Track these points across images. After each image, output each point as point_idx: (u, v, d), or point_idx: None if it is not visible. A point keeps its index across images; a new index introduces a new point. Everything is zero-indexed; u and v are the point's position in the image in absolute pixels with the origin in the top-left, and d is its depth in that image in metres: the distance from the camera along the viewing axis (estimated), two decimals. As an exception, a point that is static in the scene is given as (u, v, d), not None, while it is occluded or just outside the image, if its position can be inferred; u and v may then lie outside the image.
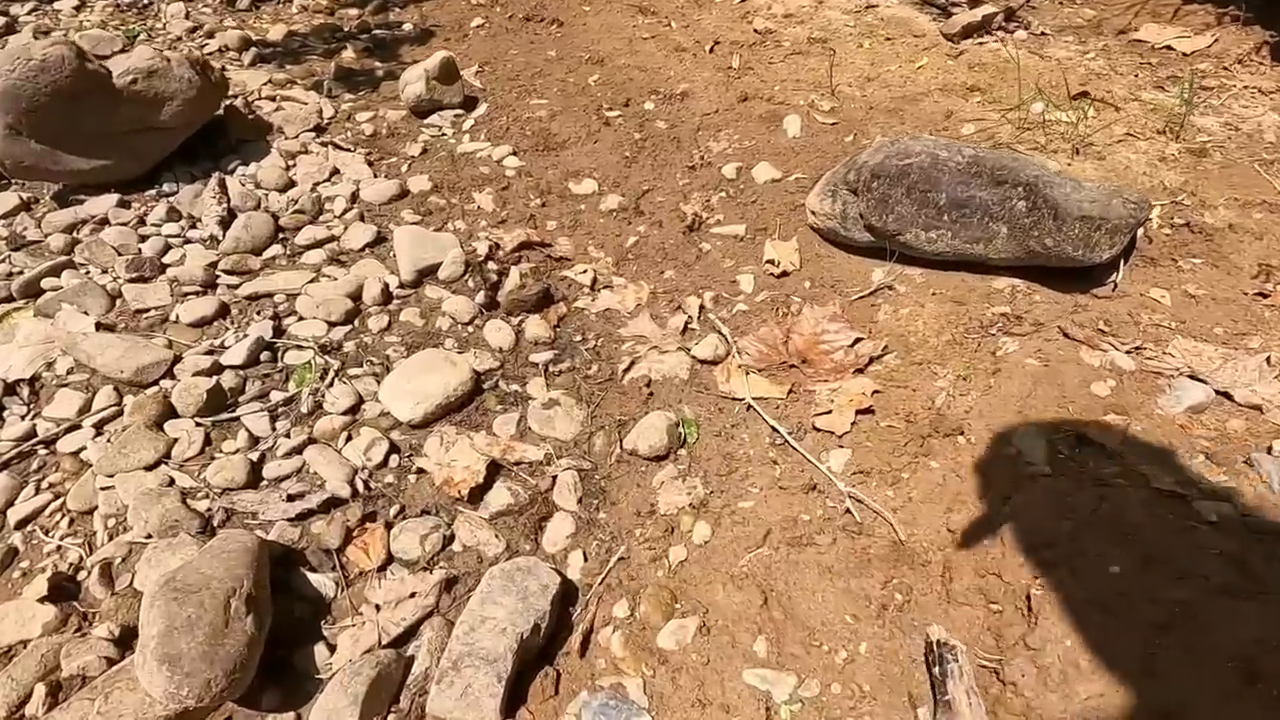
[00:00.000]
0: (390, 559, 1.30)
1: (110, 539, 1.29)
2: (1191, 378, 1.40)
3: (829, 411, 1.49)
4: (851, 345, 1.66)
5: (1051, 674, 0.96)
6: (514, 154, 2.37)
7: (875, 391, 1.51)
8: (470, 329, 1.78)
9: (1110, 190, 1.59)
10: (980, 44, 2.54)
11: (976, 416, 1.40)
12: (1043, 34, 2.56)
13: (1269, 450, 1.23)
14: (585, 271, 1.94)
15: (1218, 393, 1.36)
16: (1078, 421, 1.33)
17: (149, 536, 1.28)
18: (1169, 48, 2.38)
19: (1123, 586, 0.98)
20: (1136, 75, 2.29)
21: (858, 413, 1.47)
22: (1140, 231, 1.71)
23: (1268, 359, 1.40)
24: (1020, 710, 0.95)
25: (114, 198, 2.07)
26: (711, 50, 2.78)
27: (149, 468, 1.39)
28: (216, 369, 1.59)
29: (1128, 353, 1.47)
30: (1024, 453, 1.28)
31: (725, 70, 2.68)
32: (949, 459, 1.33)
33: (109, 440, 1.43)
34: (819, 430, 1.47)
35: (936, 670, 0.97)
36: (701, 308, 1.84)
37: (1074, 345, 1.52)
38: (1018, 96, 2.22)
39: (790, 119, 2.36)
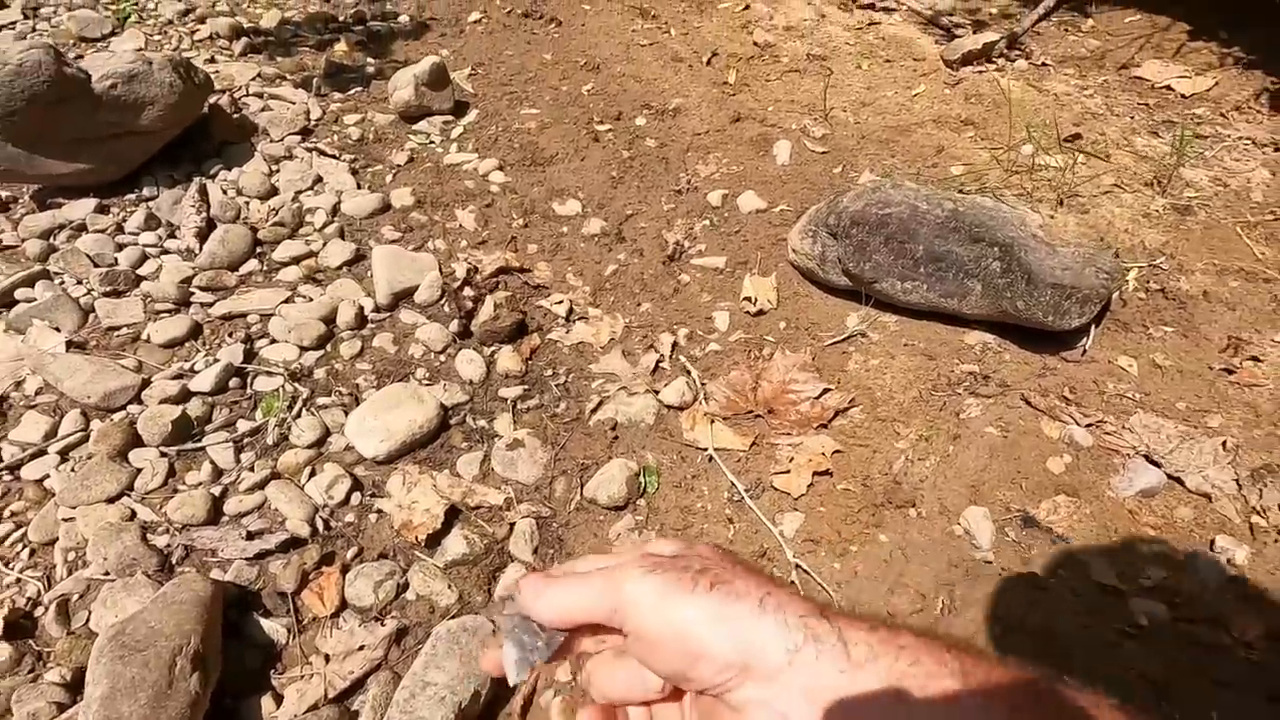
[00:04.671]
0: (344, 605, 1.33)
1: (69, 573, 1.32)
2: (1147, 459, 1.41)
3: (787, 471, 1.50)
4: (818, 396, 1.66)
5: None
6: (500, 168, 2.35)
7: (836, 451, 1.52)
8: (442, 358, 1.79)
9: (1085, 257, 1.58)
10: (980, 73, 2.50)
11: (930, 488, 1.41)
12: (1044, 65, 2.51)
13: (1211, 545, 1.24)
14: (561, 302, 1.94)
15: (1170, 477, 1.37)
16: (1028, 501, 1.35)
17: (107, 574, 1.30)
18: (1169, 88, 2.34)
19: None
20: (1133, 117, 2.26)
21: (815, 474, 1.48)
22: (1115, 294, 1.70)
23: (1224, 443, 1.41)
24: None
25: (93, 202, 2.06)
26: (709, 62, 2.74)
27: (111, 499, 1.40)
28: (184, 395, 1.60)
29: (1087, 427, 1.47)
30: (972, 533, 1.29)
31: (721, 85, 2.63)
32: (898, 533, 1.34)
33: (73, 469, 1.45)
34: (776, 490, 1.48)
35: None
36: (674, 345, 1.84)
37: (1036, 415, 1.52)
38: (1008, 137, 2.19)
39: (780, 144, 2.33)
